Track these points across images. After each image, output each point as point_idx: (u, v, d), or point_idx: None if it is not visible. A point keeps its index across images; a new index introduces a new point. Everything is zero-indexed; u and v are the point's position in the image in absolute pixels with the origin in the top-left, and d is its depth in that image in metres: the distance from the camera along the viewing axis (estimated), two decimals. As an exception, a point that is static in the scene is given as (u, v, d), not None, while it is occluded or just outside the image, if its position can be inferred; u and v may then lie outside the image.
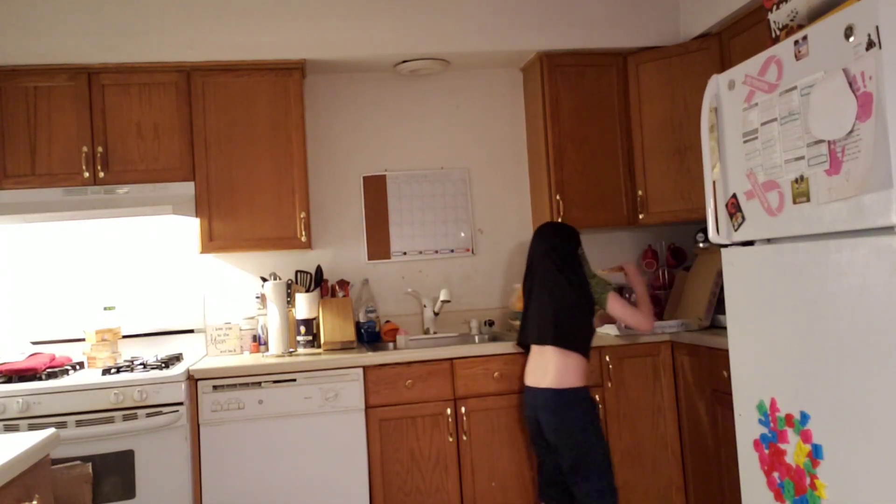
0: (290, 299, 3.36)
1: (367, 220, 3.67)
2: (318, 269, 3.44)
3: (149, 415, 2.77)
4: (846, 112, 1.79)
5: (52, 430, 1.77)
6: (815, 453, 1.98)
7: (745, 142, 2.23)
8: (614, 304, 2.88)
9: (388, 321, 3.58)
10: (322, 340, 3.26)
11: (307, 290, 3.41)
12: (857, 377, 1.83)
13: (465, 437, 3.03)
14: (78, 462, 2.65)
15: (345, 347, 3.26)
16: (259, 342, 3.40)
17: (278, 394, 2.92)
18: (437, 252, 3.72)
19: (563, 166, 3.47)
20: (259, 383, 2.92)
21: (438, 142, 3.76)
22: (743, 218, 2.28)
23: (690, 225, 3.63)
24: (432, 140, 3.76)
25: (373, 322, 3.50)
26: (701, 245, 3.40)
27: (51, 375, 2.88)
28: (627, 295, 3.53)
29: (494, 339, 3.50)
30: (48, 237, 3.42)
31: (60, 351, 3.28)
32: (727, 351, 2.57)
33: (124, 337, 3.36)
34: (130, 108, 3.19)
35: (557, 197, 3.45)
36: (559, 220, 3.43)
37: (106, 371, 2.91)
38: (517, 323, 3.53)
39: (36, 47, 3.12)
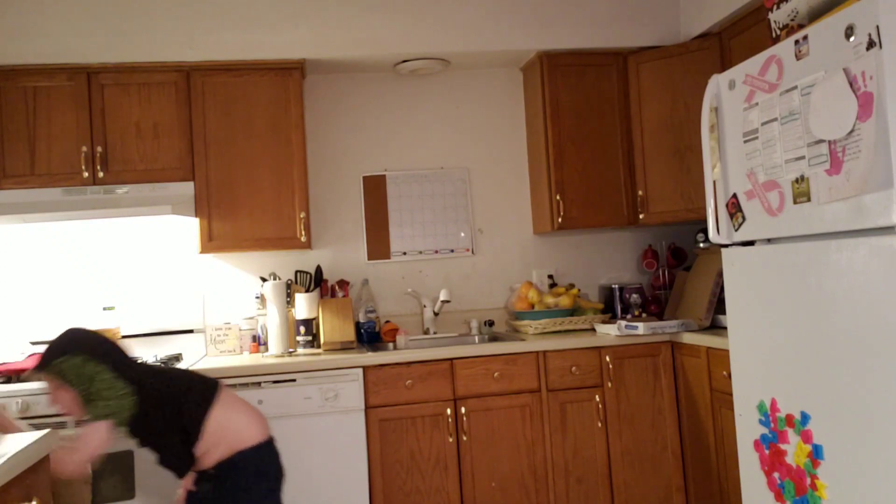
0: (289, 299, 3.35)
1: (367, 220, 3.67)
2: (318, 270, 3.44)
3: (148, 415, 2.76)
4: (847, 112, 1.79)
5: (51, 430, 1.76)
6: (816, 454, 1.98)
7: (745, 141, 2.23)
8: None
9: (387, 321, 3.58)
10: (322, 340, 3.26)
11: (307, 291, 3.41)
12: (858, 377, 1.83)
13: (464, 438, 3.03)
14: (77, 462, 2.64)
15: (344, 347, 3.25)
16: (259, 342, 3.40)
17: (278, 394, 2.92)
18: (437, 252, 3.71)
19: (563, 166, 3.47)
20: (259, 383, 2.92)
21: (438, 142, 3.76)
22: (743, 218, 2.28)
23: (691, 225, 3.63)
24: (432, 140, 3.76)
25: (372, 322, 3.49)
26: (701, 245, 3.40)
27: (50, 375, 2.88)
28: (627, 297, 3.52)
29: (494, 339, 3.50)
30: (47, 237, 3.41)
31: (60, 351, 3.27)
32: (727, 351, 2.57)
33: (123, 337, 3.36)
34: (130, 108, 3.19)
35: (557, 197, 3.45)
36: (559, 220, 3.43)
37: (105, 371, 2.90)
38: (518, 323, 3.54)
39: (35, 47, 3.11)
